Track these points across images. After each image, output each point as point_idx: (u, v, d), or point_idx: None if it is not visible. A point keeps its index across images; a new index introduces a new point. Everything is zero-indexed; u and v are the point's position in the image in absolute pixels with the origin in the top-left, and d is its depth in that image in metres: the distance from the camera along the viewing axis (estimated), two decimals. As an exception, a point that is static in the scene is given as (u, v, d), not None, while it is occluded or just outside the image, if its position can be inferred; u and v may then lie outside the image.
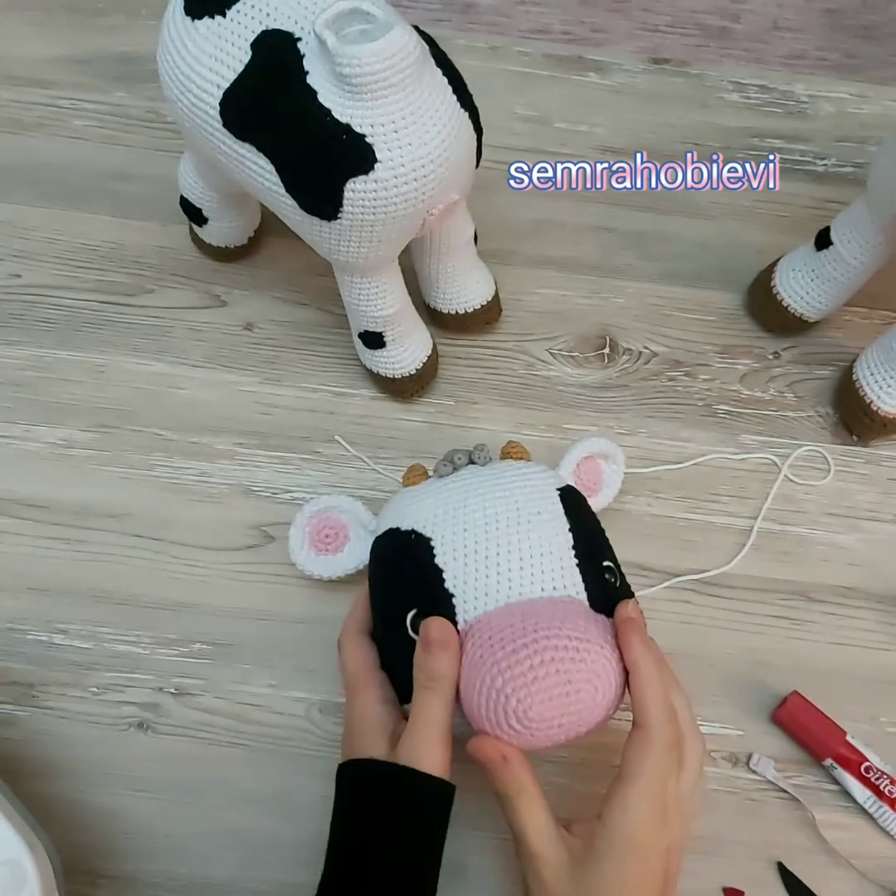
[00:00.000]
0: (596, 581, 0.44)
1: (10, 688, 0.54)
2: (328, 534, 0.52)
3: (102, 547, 0.57)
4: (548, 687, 0.39)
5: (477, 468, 0.48)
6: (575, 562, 0.43)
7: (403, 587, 0.45)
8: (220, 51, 0.45)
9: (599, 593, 0.43)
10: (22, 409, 0.60)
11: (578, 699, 0.39)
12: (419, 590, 0.44)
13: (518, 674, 0.39)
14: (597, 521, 0.49)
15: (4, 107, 0.69)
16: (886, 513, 0.60)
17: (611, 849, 0.40)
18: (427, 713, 0.42)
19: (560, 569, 0.43)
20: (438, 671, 0.41)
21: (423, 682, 0.42)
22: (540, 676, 0.38)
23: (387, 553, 0.47)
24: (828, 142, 0.71)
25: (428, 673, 0.42)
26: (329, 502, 0.52)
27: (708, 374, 0.63)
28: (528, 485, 0.46)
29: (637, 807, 0.40)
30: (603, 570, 0.45)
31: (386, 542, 0.47)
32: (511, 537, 0.43)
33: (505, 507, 0.44)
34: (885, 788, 0.52)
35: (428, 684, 0.42)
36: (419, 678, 0.42)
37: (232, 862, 0.52)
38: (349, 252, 0.49)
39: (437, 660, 0.42)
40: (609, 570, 0.45)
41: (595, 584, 0.44)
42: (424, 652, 0.42)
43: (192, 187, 0.59)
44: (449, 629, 0.42)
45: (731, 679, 0.55)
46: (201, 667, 0.55)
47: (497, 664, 0.39)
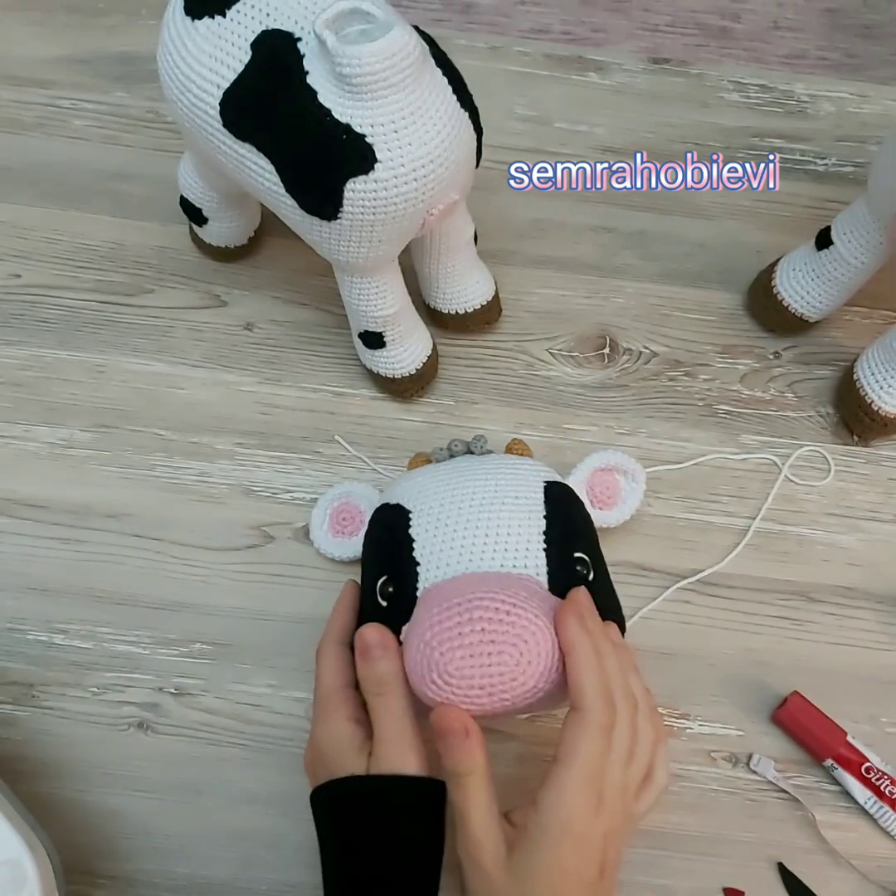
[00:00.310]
0: (562, 568, 0.44)
1: (10, 688, 0.54)
2: (346, 517, 0.55)
3: (102, 547, 0.57)
4: (470, 644, 0.39)
5: (472, 457, 0.50)
6: (543, 546, 0.44)
7: (379, 554, 0.47)
8: (220, 51, 0.45)
9: (563, 580, 0.43)
10: (22, 409, 0.60)
11: (500, 660, 0.39)
12: (390, 557, 0.45)
13: (445, 628, 0.39)
14: (585, 518, 0.49)
15: (4, 107, 0.69)
16: (887, 513, 0.60)
17: (544, 834, 0.38)
18: (387, 720, 0.41)
19: (525, 550, 0.43)
20: (383, 674, 0.41)
21: (374, 690, 0.41)
22: (465, 633, 0.39)
23: (373, 524, 0.49)
24: (828, 141, 0.71)
25: (374, 679, 0.41)
26: (353, 488, 0.55)
27: (708, 374, 0.63)
28: (513, 473, 0.47)
29: (571, 790, 0.38)
30: (574, 560, 0.45)
31: (375, 515, 0.49)
32: (482, 514, 0.44)
33: (483, 488, 0.46)
34: (885, 789, 0.52)
35: (378, 690, 0.41)
36: (368, 690, 0.42)
37: (232, 862, 0.52)
38: (349, 252, 0.49)
39: (378, 663, 0.41)
40: (581, 562, 0.45)
41: (560, 570, 0.44)
42: (363, 661, 0.42)
43: (192, 187, 0.59)
44: (384, 631, 0.42)
45: (731, 679, 0.55)
46: (201, 667, 0.55)
47: (430, 619, 0.40)
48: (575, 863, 0.39)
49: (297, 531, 0.58)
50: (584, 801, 0.39)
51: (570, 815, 0.38)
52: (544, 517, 0.45)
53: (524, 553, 0.43)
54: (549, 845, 0.38)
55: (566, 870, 0.39)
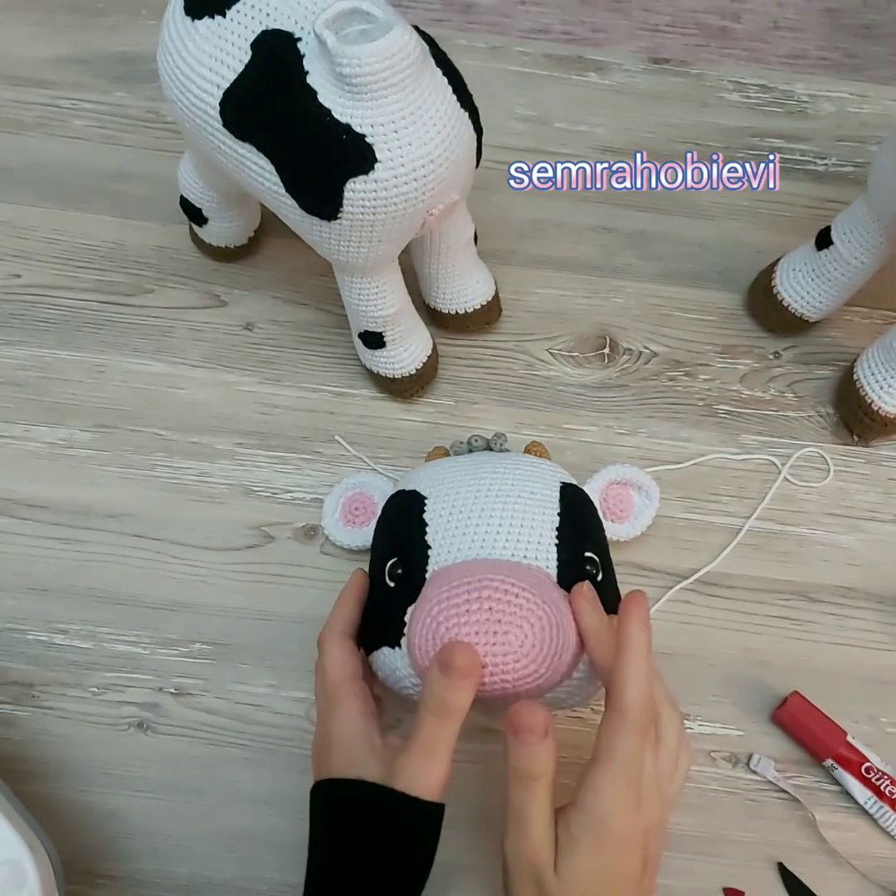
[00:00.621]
0: (571, 563, 0.44)
1: (10, 688, 0.54)
2: (357, 507, 0.56)
3: (102, 547, 0.57)
4: (477, 621, 0.39)
5: (491, 453, 0.50)
6: (555, 541, 0.44)
7: (391, 537, 0.47)
8: (220, 51, 0.45)
9: (572, 576, 0.43)
10: (22, 409, 0.60)
11: (506, 640, 0.39)
12: (402, 539, 0.45)
13: (452, 605, 0.40)
14: (598, 523, 0.49)
15: (4, 107, 0.69)
16: (886, 513, 0.60)
17: (586, 834, 0.39)
18: (432, 742, 0.39)
19: (537, 543, 0.44)
20: (455, 703, 0.39)
21: (434, 709, 0.39)
22: (472, 610, 0.39)
23: (387, 509, 0.49)
24: (828, 141, 0.71)
25: (443, 702, 0.39)
26: (368, 479, 0.56)
27: (708, 374, 0.63)
28: (531, 470, 0.47)
29: (611, 790, 0.39)
30: (584, 558, 0.45)
31: (389, 501, 0.49)
32: (496, 504, 0.45)
33: (500, 481, 0.46)
34: (885, 789, 0.52)
35: (439, 713, 0.39)
36: (429, 702, 0.39)
37: (232, 862, 0.52)
38: (349, 252, 0.49)
39: (456, 690, 0.39)
40: (591, 562, 0.45)
41: (570, 566, 0.44)
42: (443, 677, 0.39)
43: (192, 187, 0.59)
44: (475, 658, 0.39)
45: (731, 679, 0.55)
46: (201, 667, 0.55)
47: (438, 595, 0.40)
48: (619, 862, 0.39)
49: (297, 531, 0.58)
50: (624, 801, 0.39)
51: (611, 815, 0.39)
52: (558, 514, 0.45)
53: (536, 546, 0.44)
54: (593, 847, 0.39)
55: (611, 871, 0.39)
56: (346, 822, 0.41)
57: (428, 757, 0.39)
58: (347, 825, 0.40)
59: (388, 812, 0.39)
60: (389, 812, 0.39)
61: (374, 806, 0.40)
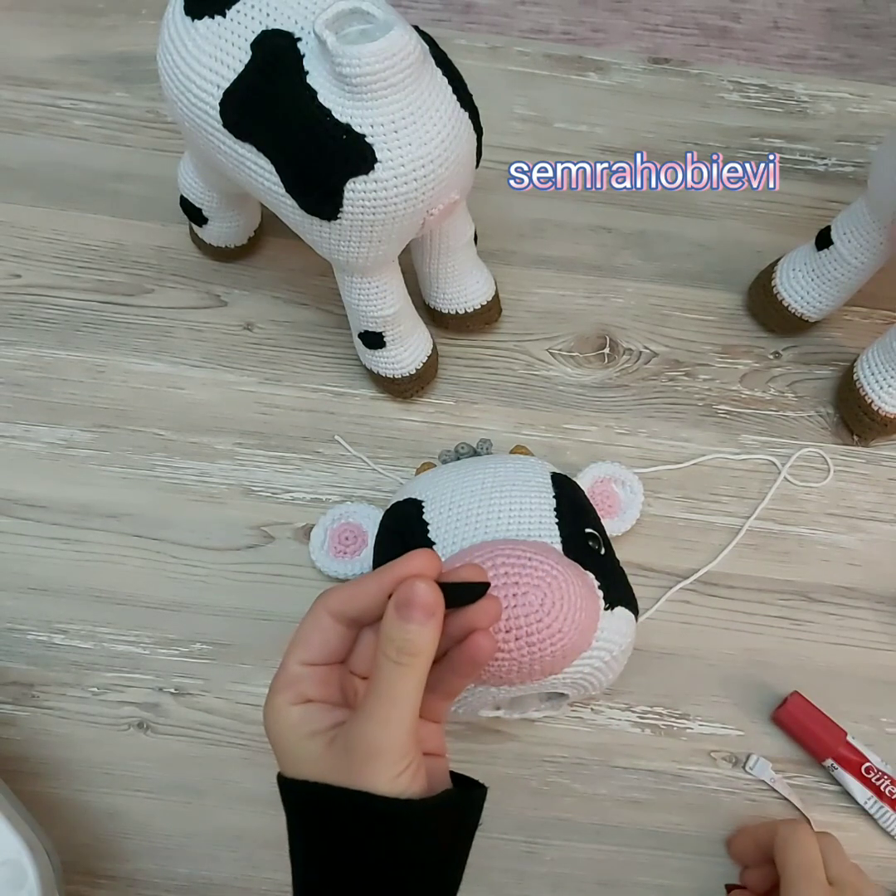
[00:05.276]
0: (574, 538, 0.45)
1: (10, 688, 0.54)
2: (348, 536, 0.56)
3: (102, 547, 0.57)
4: (494, 587, 0.39)
5: (479, 456, 0.51)
6: (555, 520, 0.45)
7: (393, 543, 0.48)
8: (220, 51, 0.45)
9: (577, 552, 0.44)
10: (22, 409, 0.60)
11: (525, 601, 0.39)
12: (405, 542, 0.46)
13: None
14: (590, 505, 0.50)
15: (4, 107, 0.69)
16: (886, 513, 0.60)
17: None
18: (395, 693, 0.34)
19: (538, 522, 0.45)
20: (419, 644, 0.33)
21: (395, 655, 0.33)
22: (489, 577, 0.39)
23: (386, 522, 0.50)
24: (828, 141, 0.71)
25: (404, 645, 0.33)
26: (354, 509, 0.56)
27: (708, 374, 0.63)
28: (521, 464, 0.49)
29: None
30: (585, 534, 0.46)
31: (387, 515, 0.50)
32: (493, 494, 0.46)
33: (493, 475, 0.47)
34: (885, 789, 0.52)
35: (401, 659, 0.33)
36: (388, 650, 0.34)
37: (232, 862, 0.52)
38: (349, 252, 0.49)
39: (419, 630, 0.33)
40: (593, 537, 0.46)
41: (573, 542, 0.44)
42: (401, 620, 0.33)
43: (192, 187, 0.59)
44: (437, 595, 0.34)
45: (731, 679, 0.55)
46: (201, 667, 0.55)
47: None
48: None
49: (297, 531, 0.58)
50: None
51: None
52: (553, 497, 0.46)
53: (538, 525, 0.44)
54: None
55: None
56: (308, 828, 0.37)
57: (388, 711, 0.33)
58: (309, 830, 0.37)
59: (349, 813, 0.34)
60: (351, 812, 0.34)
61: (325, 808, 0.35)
